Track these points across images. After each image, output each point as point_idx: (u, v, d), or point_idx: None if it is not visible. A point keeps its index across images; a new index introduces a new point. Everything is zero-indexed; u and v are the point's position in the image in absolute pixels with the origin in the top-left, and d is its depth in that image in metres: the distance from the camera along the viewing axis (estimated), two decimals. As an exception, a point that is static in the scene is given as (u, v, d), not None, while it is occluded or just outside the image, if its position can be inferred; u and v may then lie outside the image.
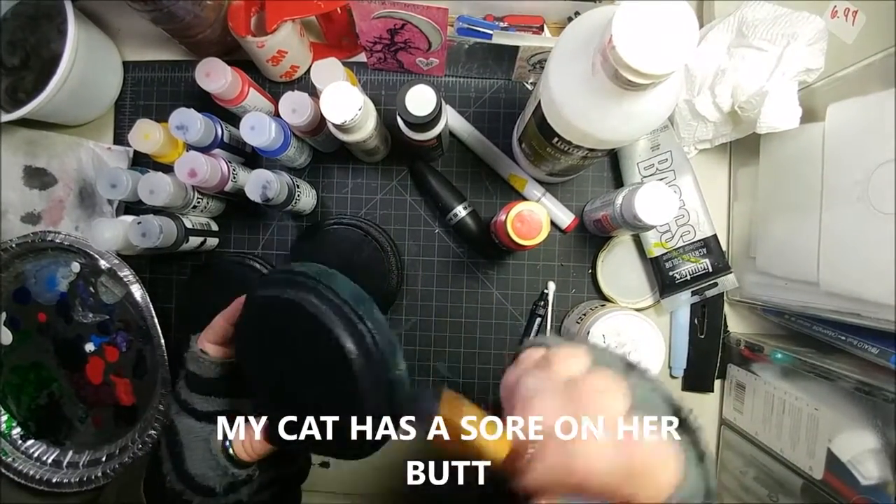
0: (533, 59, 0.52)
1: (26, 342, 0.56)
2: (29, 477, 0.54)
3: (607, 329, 0.45)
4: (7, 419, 0.56)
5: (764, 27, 0.45)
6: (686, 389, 0.56)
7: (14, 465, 0.55)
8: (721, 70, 0.48)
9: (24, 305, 0.55)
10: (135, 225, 0.46)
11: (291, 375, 0.30)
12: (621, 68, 0.30)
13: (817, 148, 0.44)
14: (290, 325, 0.29)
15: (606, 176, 0.57)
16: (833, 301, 0.42)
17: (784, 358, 0.48)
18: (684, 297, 0.53)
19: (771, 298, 0.50)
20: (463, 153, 0.57)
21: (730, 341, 0.55)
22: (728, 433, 0.55)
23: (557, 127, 0.39)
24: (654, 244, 0.53)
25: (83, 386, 0.56)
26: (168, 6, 0.45)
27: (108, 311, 0.55)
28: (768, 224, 0.50)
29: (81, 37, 0.50)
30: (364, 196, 0.57)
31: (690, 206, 0.53)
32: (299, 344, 0.29)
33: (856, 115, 0.42)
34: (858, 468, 0.39)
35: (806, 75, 0.45)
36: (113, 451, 0.55)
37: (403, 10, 0.46)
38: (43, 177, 0.56)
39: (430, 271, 0.57)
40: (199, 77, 0.47)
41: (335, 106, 0.43)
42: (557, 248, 0.57)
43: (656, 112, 0.35)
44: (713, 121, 0.50)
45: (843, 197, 0.41)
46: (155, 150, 0.49)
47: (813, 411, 0.43)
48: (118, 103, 0.58)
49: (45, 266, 0.55)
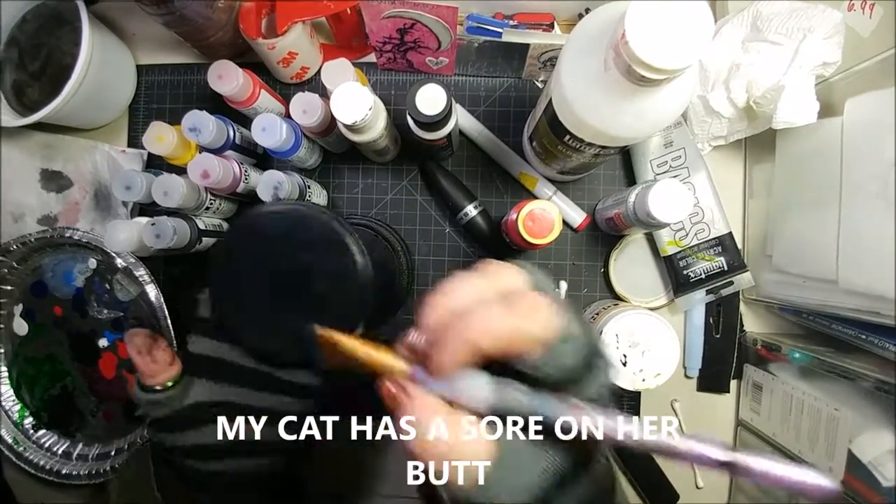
0: (543, 57, 0.52)
1: (42, 334, 0.57)
2: (39, 467, 0.55)
3: (620, 328, 0.45)
4: (20, 409, 0.57)
5: (779, 21, 0.45)
6: (701, 390, 0.56)
7: (25, 454, 0.56)
8: (736, 65, 0.47)
9: (40, 299, 0.56)
10: (149, 226, 0.47)
11: (296, 275, 0.34)
12: (634, 64, 0.29)
13: (835, 143, 0.43)
14: (300, 231, 0.34)
15: (618, 174, 0.56)
16: (852, 299, 0.42)
17: (802, 357, 0.47)
18: (699, 295, 0.53)
19: (788, 297, 0.49)
20: (473, 152, 0.57)
21: (746, 341, 0.54)
22: (745, 434, 0.54)
23: (569, 124, 0.38)
24: (667, 242, 0.52)
25: (96, 380, 0.57)
26: (180, 9, 0.46)
27: (122, 309, 0.56)
28: (785, 221, 0.49)
29: (96, 41, 0.50)
30: (374, 196, 0.57)
31: (705, 203, 0.52)
32: (313, 246, 0.34)
33: (874, 110, 0.41)
34: (880, 469, 0.39)
35: (823, 69, 0.45)
36: (122, 445, 0.56)
37: (413, 10, 0.46)
38: (59, 180, 0.57)
39: (440, 271, 0.57)
40: (212, 79, 0.48)
41: (345, 106, 0.43)
42: (569, 246, 0.56)
43: (670, 108, 0.35)
44: (728, 117, 0.50)
45: (862, 193, 0.40)
46: (168, 152, 0.49)
47: (832, 412, 0.43)
48: (132, 106, 0.59)
49: (63, 261, 0.56)
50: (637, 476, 0.55)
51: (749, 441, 0.53)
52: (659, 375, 0.44)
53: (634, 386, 0.45)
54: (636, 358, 0.45)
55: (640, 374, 0.45)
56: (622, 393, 0.55)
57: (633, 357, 0.45)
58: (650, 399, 0.56)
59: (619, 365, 0.45)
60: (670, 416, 0.56)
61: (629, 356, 0.45)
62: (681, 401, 0.56)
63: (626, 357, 0.45)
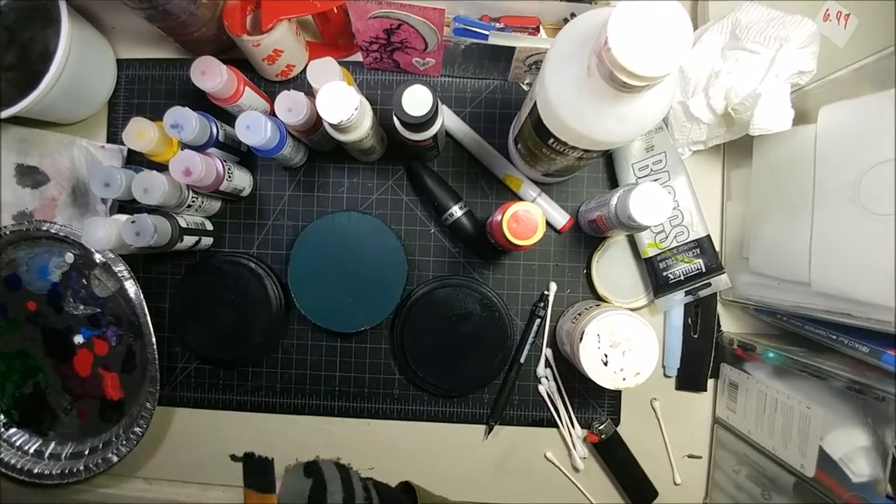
0: (529, 60, 0.52)
1: (14, 330, 0.56)
2: (10, 466, 0.54)
3: (602, 329, 0.46)
4: None
5: (757, 30, 0.46)
6: (679, 389, 0.57)
7: None
8: (715, 72, 0.48)
9: (13, 293, 0.55)
10: (129, 224, 0.46)
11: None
12: (617, 70, 0.30)
13: (809, 150, 0.44)
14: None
15: (601, 177, 0.57)
16: (824, 301, 0.43)
17: (776, 357, 0.48)
18: (678, 296, 0.54)
19: (763, 298, 0.50)
20: (459, 153, 0.57)
21: (723, 341, 0.56)
22: (721, 432, 0.55)
23: (553, 128, 0.39)
24: (648, 244, 0.53)
25: (70, 377, 0.56)
26: (163, 4, 0.45)
27: (99, 305, 0.55)
28: (761, 225, 0.50)
29: (75, 34, 0.49)
30: (360, 195, 0.57)
31: (684, 206, 0.53)
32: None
33: (848, 118, 0.42)
34: (850, 466, 0.40)
35: (798, 78, 0.46)
36: (96, 444, 0.55)
37: (400, 11, 0.46)
38: (35, 175, 0.56)
39: (426, 271, 0.57)
40: (195, 75, 0.47)
41: (331, 105, 0.42)
42: (553, 248, 0.57)
43: (651, 114, 0.36)
44: (707, 122, 0.51)
45: (834, 198, 0.42)
46: (149, 148, 0.49)
47: (805, 410, 0.44)
48: (112, 101, 0.58)
49: (38, 255, 0.55)
50: (617, 473, 0.56)
51: (725, 438, 0.55)
52: (639, 374, 0.45)
53: (615, 385, 0.45)
54: (617, 357, 0.45)
55: (621, 373, 0.45)
56: (603, 391, 0.56)
57: (613, 357, 0.45)
58: (630, 397, 0.57)
59: (601, 364, 0.45)
60: (650, 413, 0.57)
61: (610, 356, 0.45)
62: (660, 399, 0.57)
63: (608, 357, 0.45)
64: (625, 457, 0.56)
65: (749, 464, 0.51)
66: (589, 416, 0.57)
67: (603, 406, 0.57)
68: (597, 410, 0.57)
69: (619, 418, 0.57)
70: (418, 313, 0.55)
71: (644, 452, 0.56)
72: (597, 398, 0.57)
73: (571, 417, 0.56)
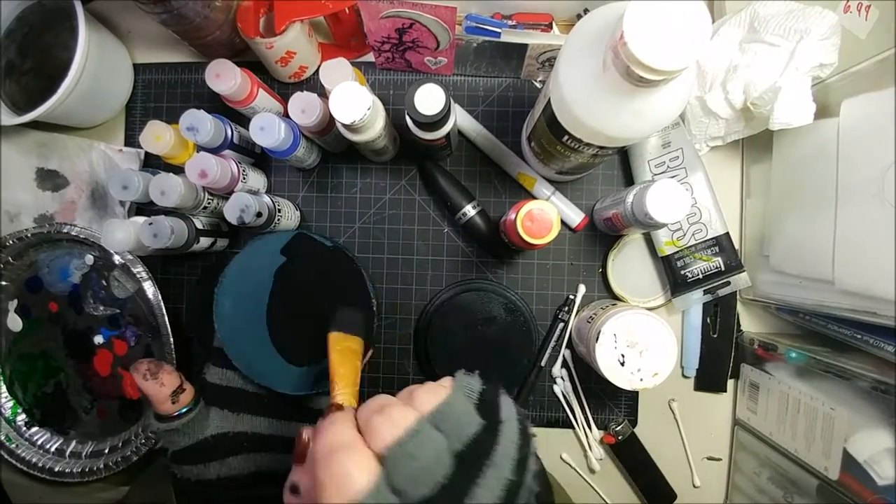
0: (542, 57, 0.52)
1: (36, 330, 0.56)
2: (31, 464, 0.55)
3: (618, 328, 0.45)
4: (13, 405, 0.57)
5: (776, 22, 0.45)
6: (698, 389, 0.56)
7: (17, 451, 0.55)
8: (733, 66, 0.47)
9: (35, 294, 0.56)
10: (146, 226, 0.47)
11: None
12: (633, 64, 0.29)
13: (832, 144, 0.43)
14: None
15: (617, 174, 0.56)
16: (848, 299, 0.42)
17: (799, 357, 0.47)
18: (696, 296, 0.53)
19: (785, 297, 0.49)
20: (472, 152, 0.57)
21: (743, 341, 0.55)
22: (742, 434, 0.54)
23: (567, 125, 0.38)
24: (665, 242, 0.53)
25: (90, 377, 0.56)
26: (178, 8, 0.46)
27: (118, 306, 0.55)
28: (782, 222, 0.49)
29: (92, 39, 0.50)
30: (373, 196, 0.57)
31: (702, 203, 0.52)
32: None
33: (870, 111, 0.41)
34: (875, 468, 0.39)
35: (819, 71, 0.45)
36: (116, 443, 0.56)
37: (412, 10, 0.45)
38: (55, 178, 0.57)
39: (439, 271, 0.57)
40: (209, 78, 0.47)
41: (344, 106, 0.43)
42: (567, 247, 0.56)
43: (668, 109, 0.35)
44: (725, 117, 0.50)
45: (858, 194, 0.41)
46: (166, 151, 0.49)
47: (829, 411, 0.43)
48: (129, 105, 0.59)
49: (59, 257, 0.56)
50: (634, 475, 0.55)
51: (746, 440, 0.54)
52: (656, 375, 0.44)
53: (632, 386, 0.45)
54: (634, 358, 0.45)
55: (638, 373, 0.45)
56: (620, 392, 0.56)
57: (630, 357, 0.45)
58: (648, 399, 0.56)
59: (617, 364, 0.45)
60: (668, 414, 0.56)
61: (627, 356, 0.45)
62: (678, 400, 0.56)
63: (624, 357, 0.45)
64: (642, 458, 0.55)
65: (771, 466, 0.50)
66: (606, 416, 0.56)
67: (620, 407, 0.56)
68: (613, 411, 0.56)
69: (637, 419, 0.56)
70: (443, 318, 0.54)
71: (662, 454, 0.55)
72: (613, 399, 0.56)
73: (588, 418, 0.56)
